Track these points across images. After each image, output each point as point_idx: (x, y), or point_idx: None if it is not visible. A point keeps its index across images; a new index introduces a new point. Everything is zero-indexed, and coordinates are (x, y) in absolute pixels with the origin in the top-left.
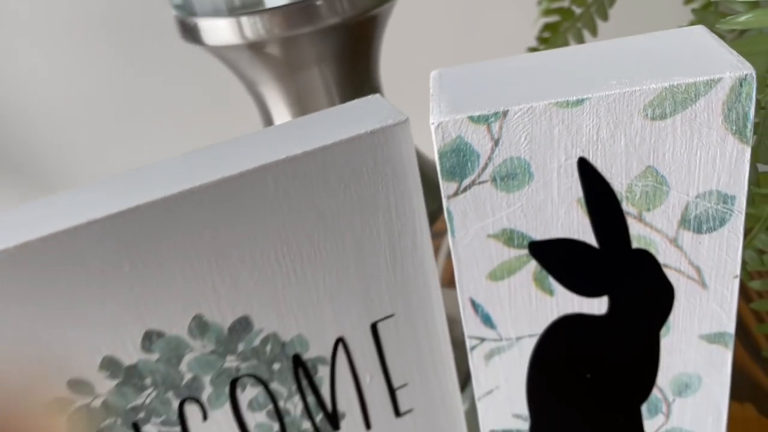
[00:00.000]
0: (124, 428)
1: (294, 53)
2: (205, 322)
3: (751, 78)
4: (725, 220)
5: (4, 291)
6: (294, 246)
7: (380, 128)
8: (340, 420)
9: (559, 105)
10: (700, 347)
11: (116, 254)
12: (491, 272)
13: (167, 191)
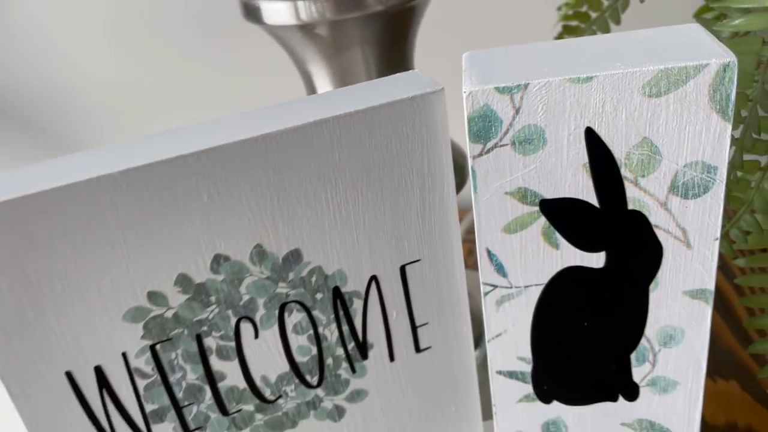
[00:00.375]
0: (189, 339)
1: (340, 35)
2: (264, 251)
3: (733, 65)
4: (708, 187)
5: (108, 210)
6: (341, 191)
7: (420, 95)
8: (368, 350)
9: (572, 81)
10: (683, 302)
11: (198, 186)
12: (506, 226)
13: (244, 136)
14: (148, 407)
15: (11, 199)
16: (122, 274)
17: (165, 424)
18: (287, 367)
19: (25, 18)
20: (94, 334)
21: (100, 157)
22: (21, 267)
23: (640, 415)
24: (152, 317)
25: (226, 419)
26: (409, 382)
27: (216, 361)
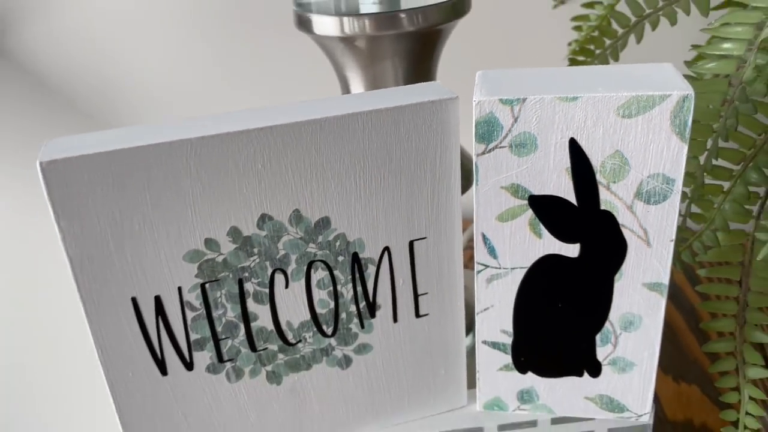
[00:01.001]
0: (232, 282)
1: (376, 48)
2: (301, 215)
3: (690, 97)
4: (667, 196)
5: (183, 168)
6: (367, 173)
7: (438, 100)
8: (376, 310)
9: (561, 99)
10: (642, 293)
11: (255, 156)
12: (500, 215)
13: (296, 120)
14: (193, 336)
15: (110, 151)
16: (187, 221)
17: (204, 353)
18: (308, 316)
19: (83, 10)
20: (159, 268)
21: (180, 127)
22: (110, 207)
23: (601, 390)
24: (206, 260)
25: (253, 355)
26: (407, 342)
27: (251, 303)
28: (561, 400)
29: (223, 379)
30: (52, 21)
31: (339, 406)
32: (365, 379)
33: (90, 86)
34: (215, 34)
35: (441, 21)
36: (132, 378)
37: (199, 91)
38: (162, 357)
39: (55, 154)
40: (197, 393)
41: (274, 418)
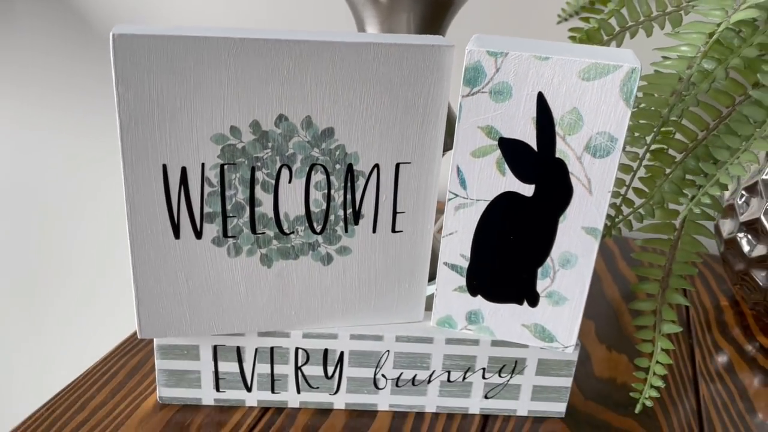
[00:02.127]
0: (246, 168)
1: (395, 4)
2: (311, 122)
3: (638, 70)
4: (610, 152)
5: (223, 61)
6: (371, 95)
7: (438, 45)
8: (360, 219)
9: (536, 57)
10: (580, 235)
11: (283, 63)
12: (473, 151)
13: (319, 39)
14: (206, 209)
15: (169, 35)
16: (219, 108)
17: (212, 225)
18: (303, 212)
19: None
20: (189, 143)
21: (227, 29)
22: (160, 83)
23: (537, 320)
24: (228, 144)
25: (252, 236)
26: (381, 253)
27: (259, 190)
28: (502, 325)
29: (224, 252)
30: None
31: (316, 296)
32: (341, 278)
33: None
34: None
35: None
36: (150, 235)
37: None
38: (178, 222)
39: (125, 30)
40: (201, 260)
41: (260, 296)
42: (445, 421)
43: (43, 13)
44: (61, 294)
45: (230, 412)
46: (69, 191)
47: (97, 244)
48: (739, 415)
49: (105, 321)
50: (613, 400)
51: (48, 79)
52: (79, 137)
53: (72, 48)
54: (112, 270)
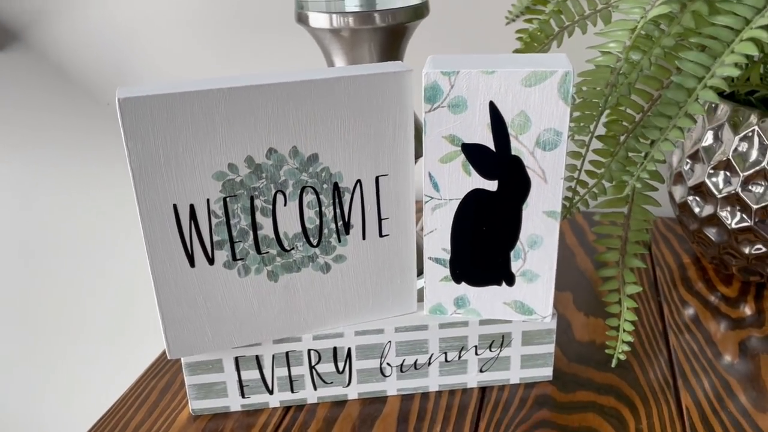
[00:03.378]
0: (246, 198)
1: (357, 38)
2: (297, 150)
3: (570, 73)
4: (557, 144)
5: (216, 109)
6: (347, 121)
7: (399, 71)
8: (350, 229)
9: (484, 72)
10: (543, 218)
11: (267, 104)
12: (441, 158)
13: (295, 79)
14: (215, 238)
15: (166, 94)
16: (217, 149)
17: (222, 252)
18: (300, 229)
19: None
20: (194, 183)
21: (215, 81)
22: (163, 134)
23: (516, 297)
24: (228, 179)
25: (258, 256)
26: (372, 255)
27: (259, 216)
28: (486, 305)
29: (235, 273)
30: (75, 18)
31: (320, 302)
32: (340, 282)
33: (106, 75)
34: (221, 32)
35: (406, 20)
36: (169, 266)
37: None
38: (192, 252)
39: (128, 94)
40: (215, 283)
41: (271, 308)
42: (448, 397)
43: (30, 69)
44: (87, 326)
45: (257, 415)
46: (88, 241)
47: (117, 286)
48: (707, 360)
49: (131, 350)
50: (594, 359)
51: (41, 137)
52: (93, 186)
53: (67, 105)
54: (132, 305)
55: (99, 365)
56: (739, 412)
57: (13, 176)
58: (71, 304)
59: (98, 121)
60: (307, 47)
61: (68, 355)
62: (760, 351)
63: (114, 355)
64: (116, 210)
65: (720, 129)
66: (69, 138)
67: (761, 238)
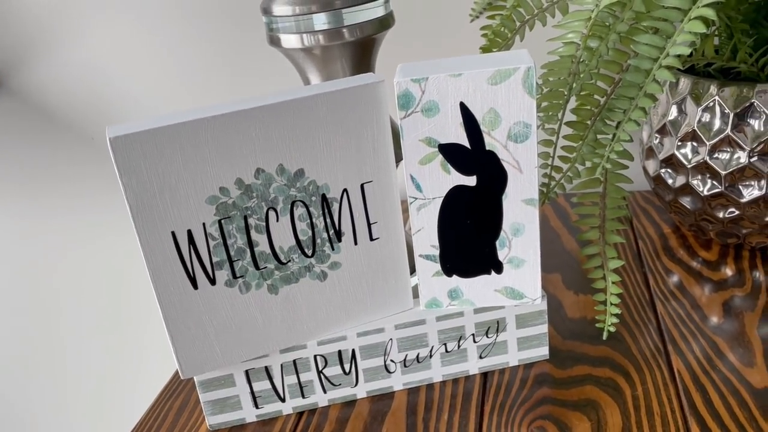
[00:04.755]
0: (240, 218)
1: (328, 54)
2: (284, 168)
3: (533, 68)
4: (528, 136)
5: (203, 138)
6: (328, 135)
7: (372, 83)
8: (341, 236)
9: (451, 75)
10: (522, 206)
11: (251, 127)
12: (420, 159)
13: (276, 101)
14: (214, 259)
15: (154, 128)
16: (207, 175)
17: (222, 271)
18: (294, 242)
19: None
20: (188, 209)
21: (199, 110)
22: (155, 167)
23: (505, 283)
24: (221, 203)
25: (257, 272)
26: (366, 259)
27: (254, 233)
28: (478, 294)
29: (237, 291)
30: (52, 60)
31: (320, 310)
32: (338, 288)
33: (87, 113)
34: (196, 62)
35: (373, 32)
36: (173, 291)
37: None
38: (193, 275)
39: (118, 132)
40: (219, 302)
41: (274, 320)
42: (452, 386)
43: (12, 112)
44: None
45: (272, 423)
46: (85, 267)
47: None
48: (694, 324)
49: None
50: (587, 334)
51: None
52: (88, 218)
53: (53, 144)
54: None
55: (112, 393)
56: (729, 370)
57: (6, 217)
58: (78, 337)
59: (85, 156)
60: (282, 68)
61: (79, 386)
62: (743, 309)
63: (127, 382)
64: (115, 237)
65: (683, 102)
66: (57, 174)
67: (733, 201)
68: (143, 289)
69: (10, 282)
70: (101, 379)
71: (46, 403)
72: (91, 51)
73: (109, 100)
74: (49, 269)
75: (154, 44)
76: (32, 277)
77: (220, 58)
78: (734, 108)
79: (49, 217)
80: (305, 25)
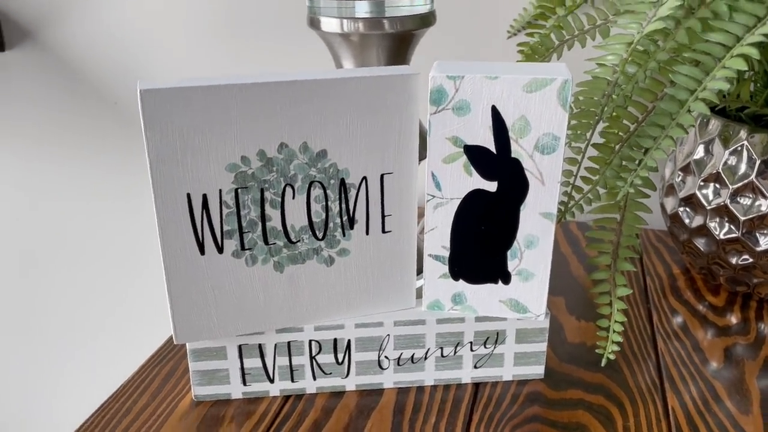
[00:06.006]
0: (256, 190)
1: (366, 42)
2: (307, 146)
3: (569, 81)
4: (555, 149)
5: (230, 104)
6: (355, 120)
7: (405, 74)
8: (354, 224)
9: (487, 77)
10: (539, 219)
11: (279, 100)
12: (444, 158)
13: (308, 78)
14: (225, 227)
15: (186, 87)
16: (230, 142)
17: (231, 241)
18: (306, 222)
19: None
20: (207, 173)
21: (232, 78)
22: (181, 126)
23: (511, 295)
24: (240, 171)
25: (265, 247)
26: (375, 251)
27: (268, 207)
28: (482, 302)
29: (243, 263)
30: (87, 18)
31: (323, 295)
32: (343, 276)
33: (115, 75)
34: (232, 32)
35: (413, 27)
36: (180, 253)
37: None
38: (202, 240)
39: (150, 86)
40: (224, 271)
41: (275, 298)
42: (443, 392)
43: (40, 67)
44: (90, 310)
45: (257, 403)
46: (95, 227)
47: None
48: (694, 366)
49: (133, 334)
50: (584, 360)
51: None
52: (99, 179)
53: (76, 104)
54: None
55: (103, 355)
56: (724, 415)
57: (20, 170)
58: (76, 295)
59: (105, 120)
60: (317, 52)
61: (72, 344)
62: (745, 357)
63: (119, 343)
64: (123, 201)
65: (711, 143)
66: (75, 134)
67: (748, 249)
68: (152, 253)
69: (20, 228)
70: (94, 336)
71: (34, 355)
72: (126, 12)
73: (138, 65)
74: (58, 225)
75: (192, 9)
76: (40, 230)
77: (259, 32)
78: (762, 155)
79: (65, 171)
80: (347, 11)
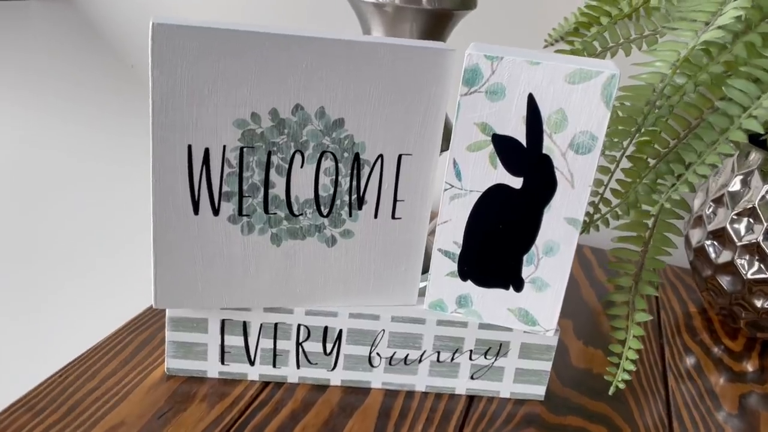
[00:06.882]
0: (263, 152)
1: (400, 14)
2: (324, 112)
3: (617, 76)
4: (591, 149)
5: (251, 54)
6: (379, 91)
7: (441, 48)
8: (363, 204)
9: (528, 62)
10: (563, 225)
11: (301, 57)
12: (469, 145)
13: (335, 37)
14: (224, 188)
15: (202, 27)
16: (243, 95)
17: (229, 204)
18: (312, 195)
19: None
20: (213, 126)
21: (255, 26)
22: (191, 69)
23: (521, 304)
24: (248, 129)
25: (265, 216)
26: (381, 237)
27: (273, 173)
28: (489, 308)
29: (238, 229)
30: None
31: (319, 276)
32: (344, 259)
33: (134, 39)
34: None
35: (452, 7)
36: (172, 210)
37: None
38: (198, 199)
39: (164, 20)
40: (216, 236)
41: (268, 272)
42: (433, 401)
43: (59, 19)
44: (72, 273)
45: (233, 385)
46: (82, 178)
47: (107, 232)
48: (706, 408)
49: (114, 299)
50: (588, 386)
51: (60, 79)
52: (100, 135)
53: (92, 61)
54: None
55: (83, 313)
56: None
57: (26, 118)
58: (64, 247)
59: (120, 81)
60: (347, 23)
61: (51, 299)
62: (760, 408)
63: (100, 304)
64: (130, 166)
65: (749, 176)
66: (90, 90)
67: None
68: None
69: (25, 179)
70: (75, 291)
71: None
72: None
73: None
74: (61, 178)
75: None
76: (44, 181)
77: (286, 1)
78: None
79: (71, 129)
80: None
